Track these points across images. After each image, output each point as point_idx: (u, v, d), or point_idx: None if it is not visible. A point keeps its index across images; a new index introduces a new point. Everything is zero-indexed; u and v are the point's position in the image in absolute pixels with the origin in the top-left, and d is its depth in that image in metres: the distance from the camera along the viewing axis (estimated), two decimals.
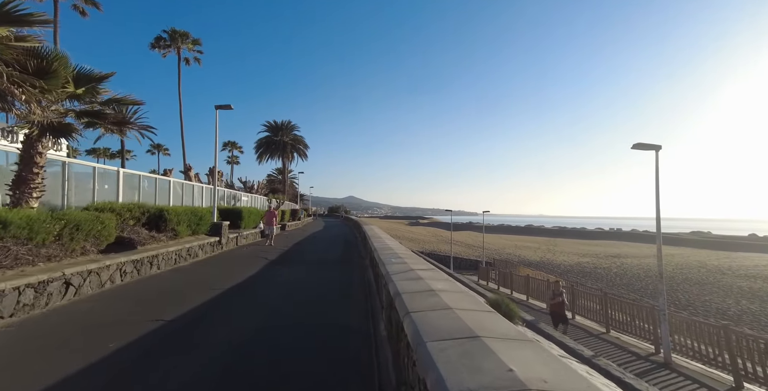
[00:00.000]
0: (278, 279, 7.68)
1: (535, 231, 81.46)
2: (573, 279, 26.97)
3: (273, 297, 6.02)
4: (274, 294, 6.28)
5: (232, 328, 4.40)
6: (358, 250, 14.11)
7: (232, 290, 6.49)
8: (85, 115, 6.58)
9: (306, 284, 7.37)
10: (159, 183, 12.61)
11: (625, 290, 24.21)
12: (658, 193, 8.46)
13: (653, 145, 8.12)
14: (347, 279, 8.04)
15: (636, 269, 30.39)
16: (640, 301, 11.56)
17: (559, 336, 7.73)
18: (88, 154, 60.20)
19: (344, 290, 6.91)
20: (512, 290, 18.25)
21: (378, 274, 6.38)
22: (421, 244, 44.22)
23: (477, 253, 39.55)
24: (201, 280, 7.32)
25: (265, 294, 6.25)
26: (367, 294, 6.68)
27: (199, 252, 10.45)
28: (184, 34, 30.92)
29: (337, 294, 6.52)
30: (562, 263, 34.80)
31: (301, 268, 9.41)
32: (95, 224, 6.12)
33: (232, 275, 7.92)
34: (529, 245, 48.47)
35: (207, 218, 12.00)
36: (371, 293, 6.86)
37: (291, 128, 45.67)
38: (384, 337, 4.06)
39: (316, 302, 5.84)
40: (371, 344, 4.14)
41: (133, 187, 11.20)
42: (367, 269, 9.77)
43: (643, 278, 27.00)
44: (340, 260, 11.27)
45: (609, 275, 28.74)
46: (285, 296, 6.23)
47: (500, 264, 30.72)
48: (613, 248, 45.72)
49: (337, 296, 6.36)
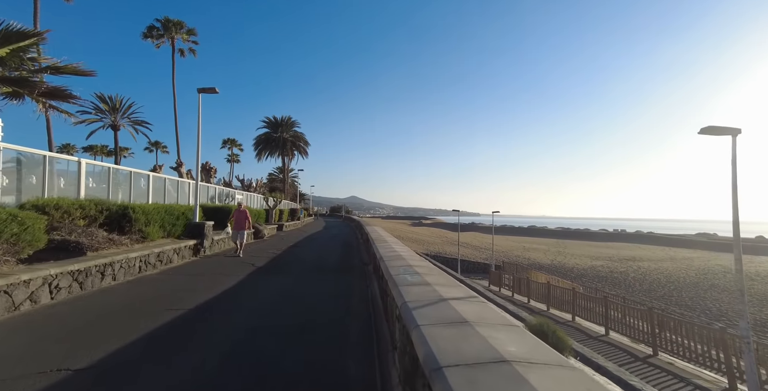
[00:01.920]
0: (260, 294, 6.15)
1: (539, 232, 79.59)
2: (589, 284, 25.31)
3: (243, 324, 4.48)
4: (247, 319, 4.74)
5: (165, 384, 2.86)
6: (360, 254, 12.57)
7: (195, 311, 4.96)
8: (4, 82, 5.06)
9: (294, 300, 5.83)
10: (134, 178, 11.12)
11: (646, 296, 22.51)
12: (736, 188, 6.80)
13: (730, 128, 6.52)
14: (345, 293, 6.50)
15: (655, 274, 28.61)
16: (710, 324, 9.87)
17: (614, 369, 6.14)
18: (85, 152, 59.23)
19: (340, 310, 5.36)
20: (529, 298, 16.65)
21: (386, 292, 4.84)
22: (425, 245, 42.61)
23: (484, 255, 37.91)
24: (162, 295, 5.79)
25: (235, 319, 4.71)
26: (371, 315, 5.14)
27: (174, 257, 8.93)
28: (179, 24, 29.50)
29: (331, 316, 4.98)
30: (575, 266, 33.08)
31: (291, 278, 7.87)
32: (9, 226, 4.61)
33: (206, 287, 6.40)
34: (538, 246, 46.73)
35: (188, 218, 10.49)
36: (375, 312, 5.31)
37: (291, 125, 44.21)
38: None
39: (301, 330, 4.30)
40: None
41: (101, 181, 9.72)
42: (370, 278, 8.22)
43: (665, 284, 25.25)
44: (338, 267, 9.72)
45: (627, 280, 27.02)
46: (261, 320, 4.70)
47: (510, 267, 29.07)
48: (626, 251, 43.87)
49: (329, 320, 4.82)
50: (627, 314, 10.22)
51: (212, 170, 23.44)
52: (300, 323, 4.59)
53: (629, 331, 9.97)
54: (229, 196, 21.45)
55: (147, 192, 11.78)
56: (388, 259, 5.47)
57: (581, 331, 11.26)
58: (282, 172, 46.73)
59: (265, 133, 43.53)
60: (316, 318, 4.85)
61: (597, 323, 11.58)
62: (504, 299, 16.50)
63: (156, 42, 30.11)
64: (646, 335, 9.07)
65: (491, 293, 15.96)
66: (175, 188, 14.17)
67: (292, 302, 5.70)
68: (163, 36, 29.63)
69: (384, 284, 5.14)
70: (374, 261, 8.67)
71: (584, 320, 12.26)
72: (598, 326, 11.38)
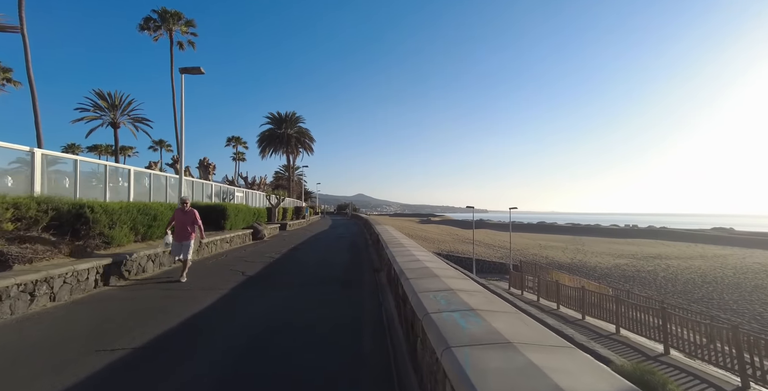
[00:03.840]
0: (239, 320, 4.59)
1: (549, 228, 77.05)
2: (615, 285, 23.36)
3: (203, 378, 2.92)
4: (211, 366, 3.17)
5: None
6: (370, 258, 10.97)
7: (138, 353, 3.41)
8: None
9: (282, 330, 4.25)
10: (111, 174, 9.67)
11: (683, 299, 20.50)
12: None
13: None
14: (352, 316, 4.91)
15: (687, 273, 26.45)
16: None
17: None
18: (90, 151, 58.71)
19: (346, 348, 3.76)
20: (559, 304, 14.88)
21: (411, 327, 3.23)
22: (436, 244, 40.89)
23: (499, 254, 36.08)
24: (105, 324, 4.26)
25: (192, 369, 3.14)
26: (387, 356, 3.52)
27: (147, 266, 7.45)
28: (176, 14, 28.14)
29: (332, 359, 3.38)
30: (597, 265, 31.02)
31: (284, 292, 6.30)
32: None
33: (174, 309, 4.89)
34: (554, 244, 44.58)
35: (168, 218, 8.98)
36: (394, 350, 3.70)
37: (296, 120, 42.73)
38: None
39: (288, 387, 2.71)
40: None
41: (65, 176, 8.28)
42: (383, 290, 6.62)
43: (701, 285, 23.14)
44: (344, 276, 8.11)
45: (657, 280, 24.95)
46: (230, 370, 3.12)
47: (528, 267, 27.22)
48: (649, 248, 41.49)
49: (328, 364, 3.21)
50: (692, 329, 8.41)
51: (211, 166, 22.09)
52: (288, 371, 3.00)
53: (695, 350, 8.19)
54: (229, 193, 20.07)
55: (128, 190, 10.35)
56: (413, 274, 3.84)
57: (630, 346, 9.50)
58: (288, 169, 45.40)
59: (269, 129, 42.16)
60: (310, 369, 3.25)
61: (649, 338, 9.78)
62: (528, 304, 14.78)
63: (153, 34, 28.82)
64: (729, 359, 7.28)
65: (511, 295, 14.27)
66: (168, 186, 12.75)
67: (284, 334, 4.12)
68: (161, 27, 28.32)
69: (407, 313, 3.52)
70: (388, 269, 7.07)
71: (631, 333, 10.47)
72: (652, 342, 9.58)
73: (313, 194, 69.19)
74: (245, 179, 32.53)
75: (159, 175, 12.32)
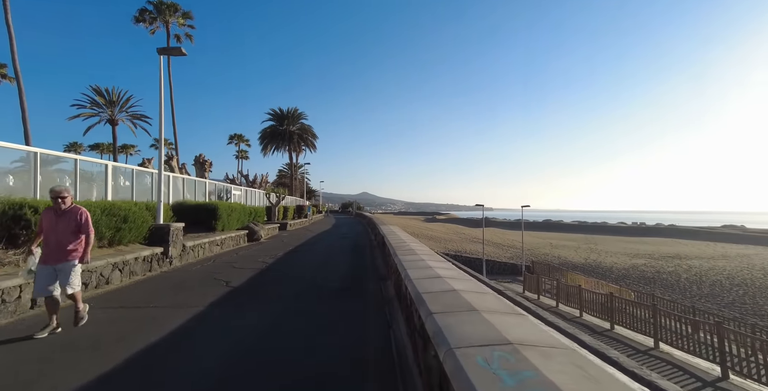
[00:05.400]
0: (209, 350, 3.43)
1: (558, 227, 75.17)
2: (635, 287, 21.96)
3: None
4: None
5: None
6: (374, 263, 9.78)
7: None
8: None
9: (262, 372, 3.07)
10: (83, 169, 8.56)
11: (712, 303, 19.05)
12: None
13: None
14: (351, 346, 3.73)
15: (712, 275, 24.90)
16: None
17: None
18: (92, 150, 58.21)
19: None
20: (582, 311, 13.58)
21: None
22: (443, 243, 39.62)
23: (508, 254, 34.73)
24: (19, 370, 3.12)
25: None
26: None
27: (112, 277, 6.32)
28: (172, 6, 27.10)
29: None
30: (613, 265, 29.54)
31: (273, 308, 5.13)
32: None
33: (129, 332, 3.77)
34: (566, 243, 43.05)
35: (144, 219, 7.86)
36: None
37: (298, 117, 41.64)
38: None
39: None
40: None
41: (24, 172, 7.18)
42: (390, 306, 5.42)
43: (730, 288, 21.62)
44: (346, 285, 6.93)
45: (680, 283, 23.46)
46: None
47: (540, 268, 25.87)
48: (665, 247, 39.80)
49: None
50: (760, 349, 7.09)
51: (207, 163, 21.02)
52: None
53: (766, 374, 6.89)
54: (226, 192, 19.02)
55: (105, 188, 9.26)
56: (436, 304, 2.62)
57: (677, 366, 8.22)
58: (290, 167, 44.37)
59: (270, 126, 41.11)
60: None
61: (700, 356, 8.46)
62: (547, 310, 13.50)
63: (149, 27, 27.86)
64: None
65: (527, 300, 12.98)
66: (153, 183, 11.66)
67: (259, 374, 2.95)
68: (157, 20, 27.32)
69: (429, 360, 2.32)
70: (396, 279, 5.87)
71: (677, 350, 9.15)
72: (707, 362, 8.23)
73: (317, 193, 68.21)
74: (246, 177, 31.52)
75: (143, 172, 11.23)
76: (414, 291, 3.23)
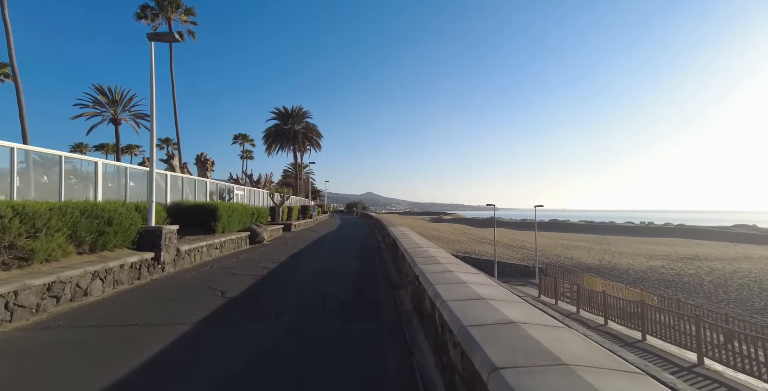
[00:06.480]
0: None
1: (566, 227, 73.58)
2: (654, 291, 20.85)
3: None
4: None
5: None
6: (384, 267, 8.96)
7: None
8: None
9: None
10: (69, 167, 7.85)
11: (742, 309, 17.92)
12: None
13: None
14: (368, 376, 2.92)
15: (737, 278, 23.67)
16: None
17: None
18: (97, 151, 58.18)
19: None
20: (607, 319, 12.63)
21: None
22: (451, 244, 38.68)
23: (519, 255, 33.71)
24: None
25: None
26: None
27: (91, 288, 5.57)
28: (175, 2, 26.53)
29: None
30: (630, 267, 28.39)
31: (270, 328, 4.35)
32: None
33: (83, 368, 2.99)
34: (577, 244, 41.84)
35: (133, 222, 7.12)
36: None
37: (303, 115, 40.97)
38: None
39: None
40: None
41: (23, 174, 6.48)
42: (409, 325, 4.60)
43: (759, 293, 20.43)
44: (354, 297, 6.12)
45: (703, 286, 22.31)
46: None
47: (553, 270, 24.88)
48: (682, 248, 38.44)
49: None
50: None
51: (209, 162, 20.38)
52: None
53: None
54: (228, 192, 18.33)
55: (95, 187, 8.56)
56: (497, 352, 1.77)
57: (730, 387, 7.30)
58: (295, 167, 43.74)
59: (274, 125, 40.50)
60: None
61: (759, 378, 7.52)
62: (568, 316, 12.59)
63: (152, 24, 27.31)
64: None
65: (545, 305, 12.10)
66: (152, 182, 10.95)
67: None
68: (159, 16, 26.77)
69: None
70: (414, 289, 5.05)
71: (728, 368, 8.18)
72: (759, 381, 7.32)
73: (322, 193, 67.62)
74: (250, 177, 30.91)
75: (136, 170, 10.54)
76: (454, 322, 2.39)
